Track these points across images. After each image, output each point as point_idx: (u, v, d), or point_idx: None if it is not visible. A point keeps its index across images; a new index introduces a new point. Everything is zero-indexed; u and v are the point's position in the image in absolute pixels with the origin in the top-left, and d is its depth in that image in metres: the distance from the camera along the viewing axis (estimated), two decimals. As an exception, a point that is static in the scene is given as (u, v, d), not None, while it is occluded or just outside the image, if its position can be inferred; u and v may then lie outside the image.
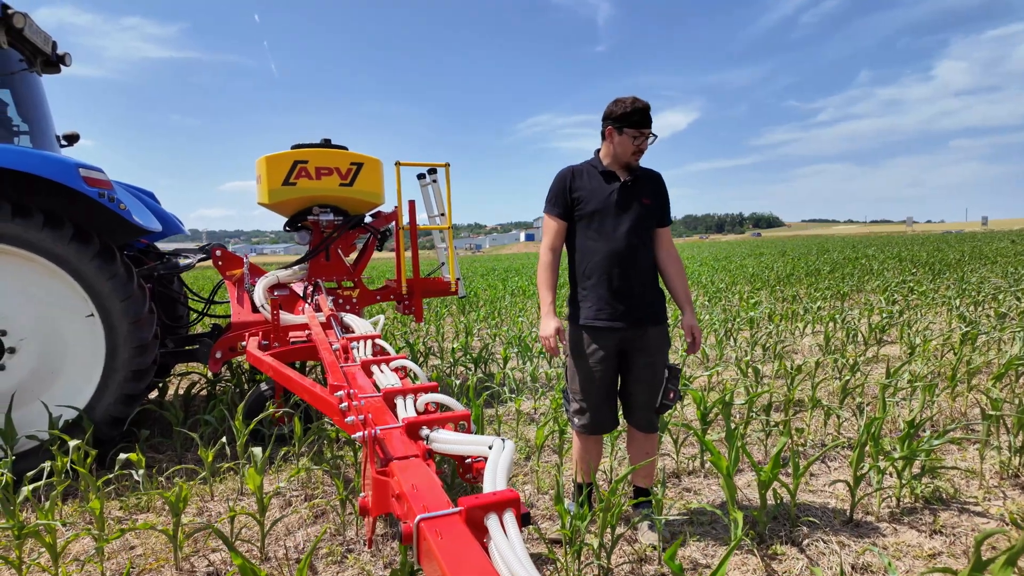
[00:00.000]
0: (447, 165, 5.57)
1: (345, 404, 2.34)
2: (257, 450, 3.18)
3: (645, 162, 2.84)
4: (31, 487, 2.82)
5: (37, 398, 3.77)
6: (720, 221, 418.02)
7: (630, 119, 2.64)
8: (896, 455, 2.93)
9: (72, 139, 5.28)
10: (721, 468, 2.57)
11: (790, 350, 6.53)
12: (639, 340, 2.70)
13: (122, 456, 3.15)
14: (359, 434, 1.99)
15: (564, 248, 2.87)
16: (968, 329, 5.88)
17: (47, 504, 2.58)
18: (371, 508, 1.91)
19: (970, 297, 9.09)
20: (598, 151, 2.84)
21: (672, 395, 2.72)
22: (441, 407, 2.50)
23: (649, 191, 2.76)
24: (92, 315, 3.84)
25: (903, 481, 2.97)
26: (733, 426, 3.40)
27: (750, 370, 4.83)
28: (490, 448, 1.95)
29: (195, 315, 5.73)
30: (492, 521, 1.49)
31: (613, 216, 2.68)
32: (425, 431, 2.20)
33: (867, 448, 3.07)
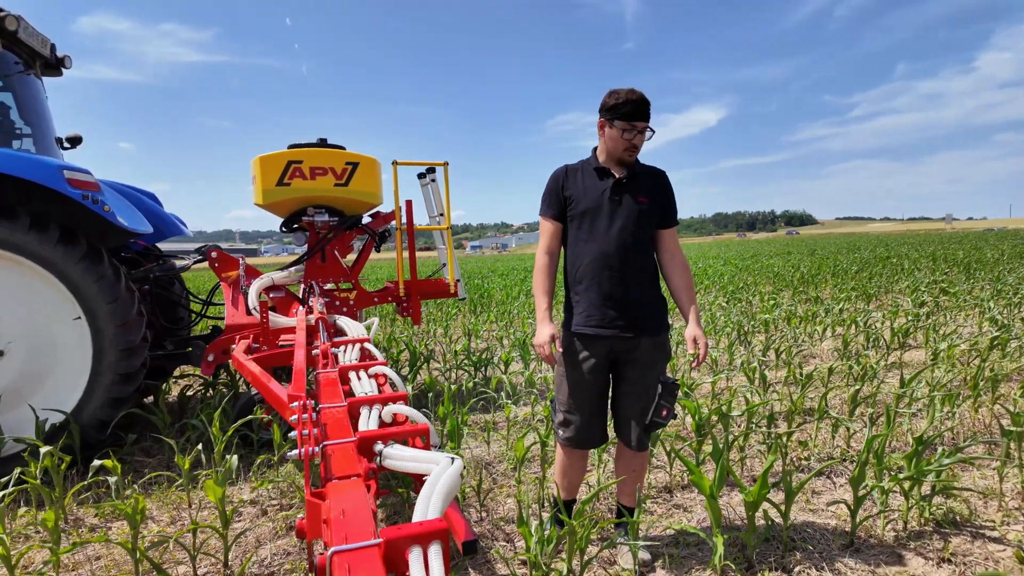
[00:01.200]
0: (446, 164, 5.45)
1: (295, 417, 2.22)
2: (233, 459, 3.11)
3: (668, 159, 2.66)
4: (2, 493, 2.79)
5: (24, 401, 3.76)
6: (751, 219, 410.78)
7: (620, 111, 2.47)
8: (903, 475, 2.70)
9: (74, 141, 5.30)
10: (704, 488, 2.39)
11: (807, 355, 6.25)
12: (631, 351, 2.52)
13: (96, 462, 3.10)
14: (293, 452, 1.87)
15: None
16: (999, 333, 5.53)
17: (16, 512, 2.52)
18: (307, 532, 1.80)
19: (1005, 299, 8.62)
20: (595, 148, 2.67)
21: (664, 413, 2.52)
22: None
23: (647, 189, 2.56)
24: (79, 318, 3.82)
25: (911, 503, 2.74)
26: (732, 438, 3.21)
27: (757, 376, 4.59)
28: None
29: (194, 317, 5.73)
30: (415, 555, 1.35)
31: (605, 216, 2.51)
32: (379, 446, 2.07)
33: (872, 465, 2.85)
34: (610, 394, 2.66)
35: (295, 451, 1.86)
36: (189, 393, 5.17)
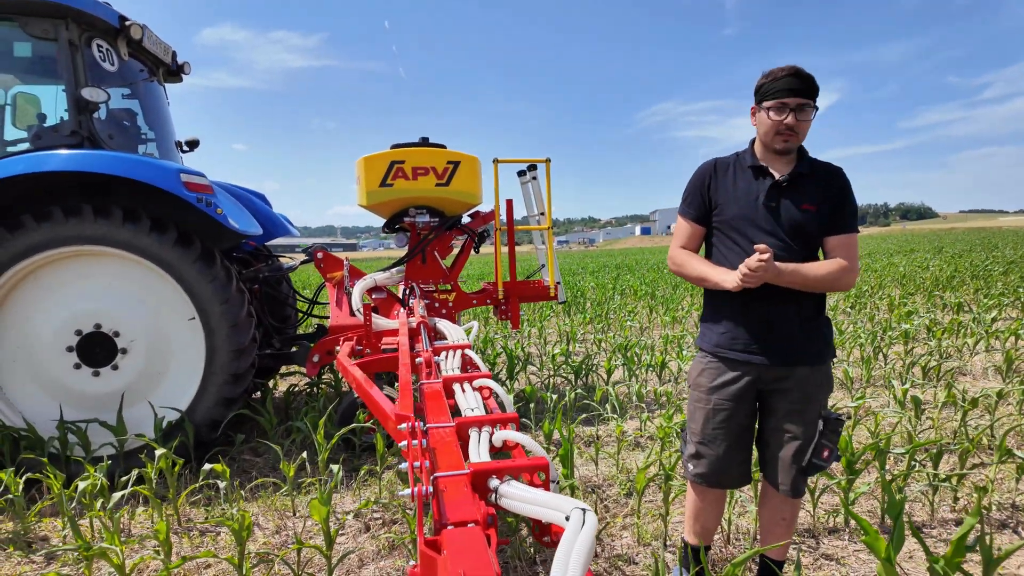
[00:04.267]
0: (548, 161, 5.18)
1: (405, 443, 2.03)
2: (337, 470, 3.01)
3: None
4: (120, 494, 2.83)
5: (144, 399, 3.89)
6: (862, 213, 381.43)
7: (771, 89, 2.06)
8: None
9: (193, 145, 5.51)
10: (879, 552, 1.96)
11: (956, 372, 5.44)
12: (782, 381, 2.14)
13: (207, 466, 3.10)
14: (406, 491, 1.66)
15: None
16: None
17: (124, 517, 2.53)
18: (419, 586, 1.59)
19: None
20: (752, 140, 2.27)
21: (826, 454, 2.12)
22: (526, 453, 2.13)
23: (815, 193, 2.12)
24: (194, 318, 3.90)
25: None
26: (889, 477, 2.73)
27: (909, 399, 3.97)
28: (567, 520, 1.54)
29: (301, 315, 5.84)
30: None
31: (758, 226, 2.12)
32: (495, 482, 1.83)
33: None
34: (756, 427, 2.28)
35: (406, 491, 1.66)
36: (295, 390, 5.24)
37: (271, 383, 5.81)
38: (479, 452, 2.09)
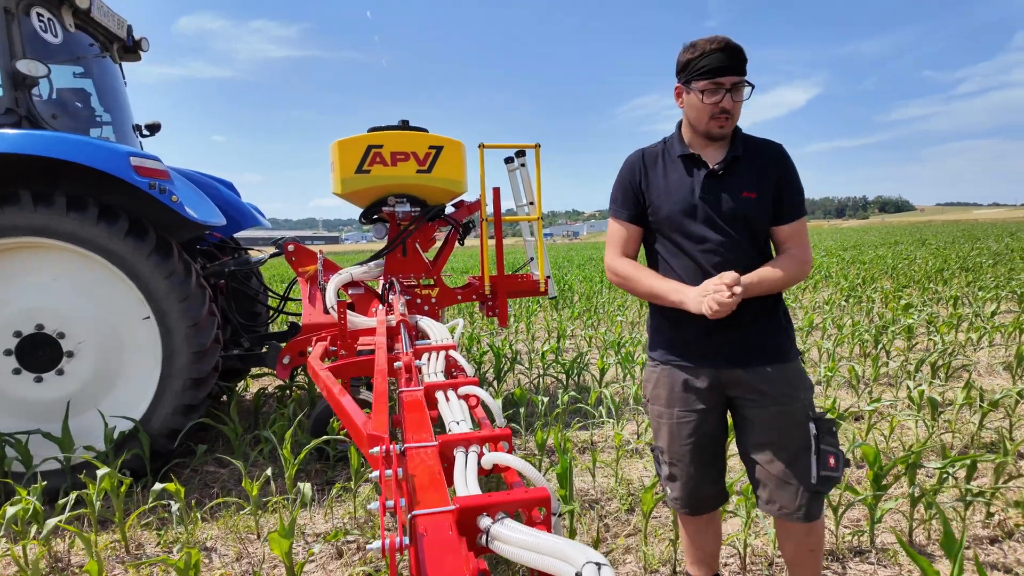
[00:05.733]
0: (537, 146, 4.85)
1: (378, 472, 1.70)
2: (306, 488, 2.68)
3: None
4: (58, 519, 2.47)
5: (94, 407, 3.52)
6: (841, 205, 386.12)
7: (698, 67, 1.78)
8: None
9: (153, 128, 5.10)
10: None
11: (962, 370, 5.23)
12: (751, 381, 1.87)
13: (158, 486, 2.75)
14: (375, 544, 1.34)
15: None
16: None
17: (63, 544, 2.17)
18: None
19: None
20: (679, 124, 1.98)
21: (834, 461, 1.82)
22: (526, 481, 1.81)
23: (754, 177, 1.87)
24: (148, 317, 3.53)
25: None
26: (918, 492, 2.46)
27: (926, 401, 3.72)
28: (578, 576, 1.23)
29: (272, 312, 5.47)
30: None
31: (697, 223, 1.85)
32: (486, 521, 1.52)
33: None
34: (727, 444, 2.05)
35: (376, 543, 1.33)
36: (267, 392, 4.88)
37: (240, 385, 5.42)
38: (466, 480, 1.76)
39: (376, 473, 1.70)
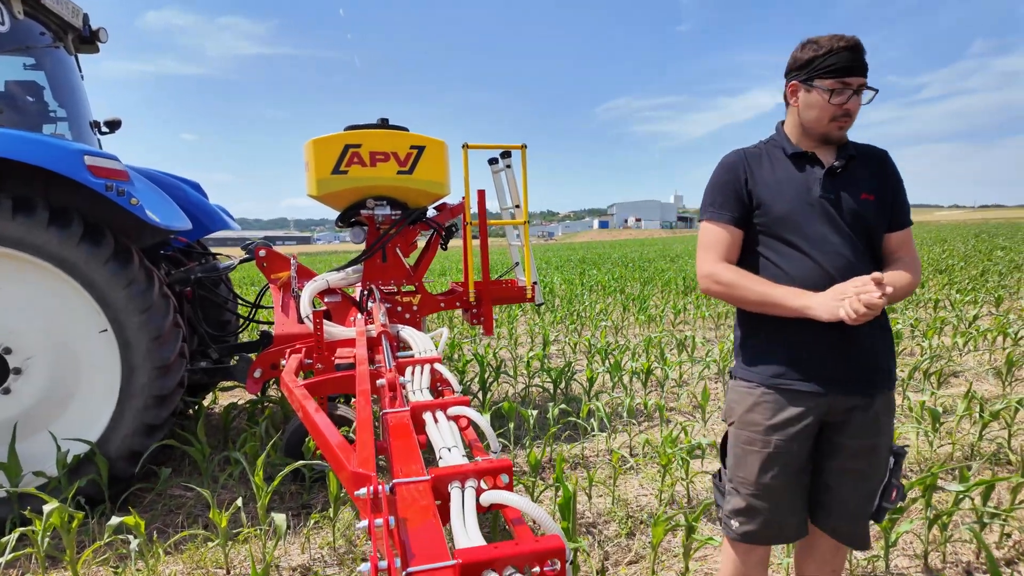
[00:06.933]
0: (524, 147, 4.66)
1: (366, 522, 1.49)
2: (280, 520, 2.45)
3: (719, 146, 1.85)
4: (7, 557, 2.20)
5: (45, 428, 3.22)
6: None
7: (824, 65, 1.67)
8: None
9: (113, 125, 4.77)
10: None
11: (948, 374, 5.19)
12: (857, 412, 1.72)
13: (114, 519, 2.48)
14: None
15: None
16: None
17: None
18: None
19: None
20: (781, 124, 1.88)
21: (895, 494, 1.76)
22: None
23: (869, 179, 1.77)
24: (105, 331, 3.25)
25: None
26: (933, 514, 2.33)
27: (926, 413, 3.64)
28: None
29: (242, 321, 5.18)
30: None
31: (817, 223, 1.70)
32: (491, 576, 1.32)
33: None
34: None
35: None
36: (238, 406, 4.59)
37: (208, 398, 5.12)
38: (466, 524, 1.56)
39: (364, 523, 1.49)
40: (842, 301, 1.51)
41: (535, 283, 4.82)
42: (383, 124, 4.33)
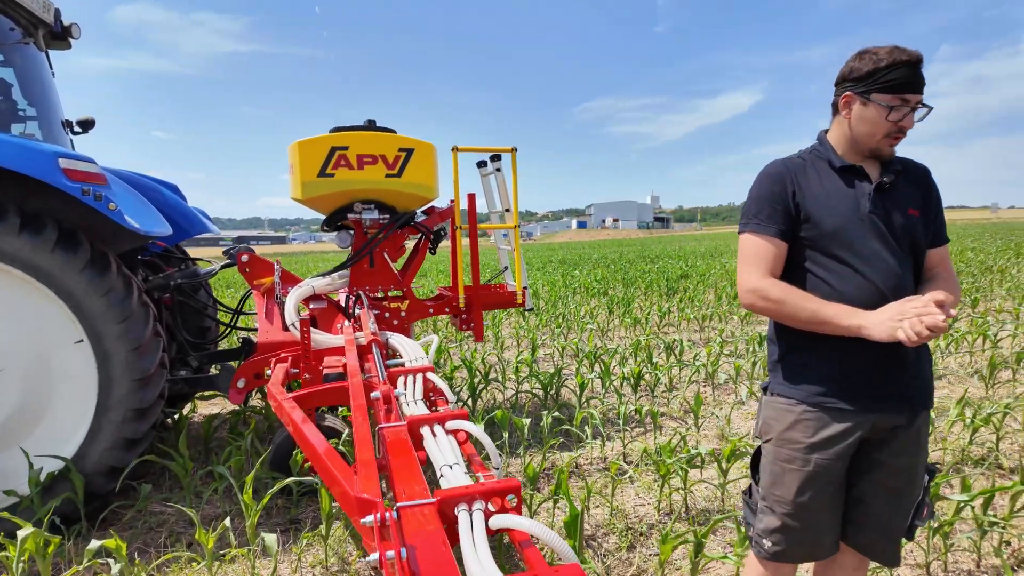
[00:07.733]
0: (513, 150, 4.60)
1: (377, 555, 1.41)
2: (271, 540, 2.35)
3: (697, 147, 1.82)
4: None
5: (16, 444, 3.06)
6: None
7: (884, 79, 1.63)
8: None
9: (86, 125, 4.58)
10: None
11: (941, 378, 5.26)
12: (900, 430, 1.70)
13: (94, 543, 2.35)
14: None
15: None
16: None
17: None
18: None
19: None
20: (824, 133, 1.83)
21: (926, 511, 1.76)
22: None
23: (914, 195, 1.76)
24: (81, 341, 3.10)
25: None
26: (935, 523, 2.32)
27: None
28: None
29: (222, 328, 5.02)
30: None
31: (867, 238, 1.67)
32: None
33: None
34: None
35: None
36: (220, 415, 4.44)
37: (186, 407, 4.95)
38: (478, 553, 1.49)
39: (374, 556, 1.41)
40: (901, 322, 1.47)
41: (525, 288, 4.76)
42: (370, 126, 4.22)
